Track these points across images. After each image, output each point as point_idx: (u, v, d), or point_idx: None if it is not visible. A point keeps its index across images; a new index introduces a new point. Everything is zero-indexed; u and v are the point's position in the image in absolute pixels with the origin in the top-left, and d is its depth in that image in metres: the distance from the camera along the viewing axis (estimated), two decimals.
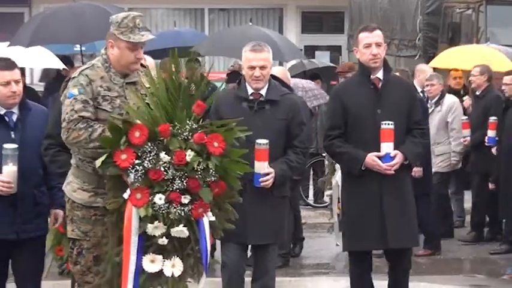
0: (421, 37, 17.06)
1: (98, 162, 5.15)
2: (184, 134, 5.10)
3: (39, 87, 16.81)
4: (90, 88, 5.54)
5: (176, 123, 5.16)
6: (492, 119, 10.39)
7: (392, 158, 6.59)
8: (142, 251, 5.12)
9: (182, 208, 5.03)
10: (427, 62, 15.17)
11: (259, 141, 6.33)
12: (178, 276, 5.10)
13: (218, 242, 6.89)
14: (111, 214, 5.22)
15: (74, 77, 5.67)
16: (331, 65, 20.10)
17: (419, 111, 7.10)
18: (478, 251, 10.41)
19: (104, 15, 11.40)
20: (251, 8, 23.93)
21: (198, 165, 5.05)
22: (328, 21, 24.70)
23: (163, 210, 5.01)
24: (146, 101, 5.29)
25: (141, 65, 5.75)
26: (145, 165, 5.02)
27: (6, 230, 6.10)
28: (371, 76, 6.78)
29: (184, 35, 17.17)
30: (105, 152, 5.16)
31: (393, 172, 6.59)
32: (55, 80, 14.79)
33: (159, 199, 5.00)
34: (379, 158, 6.59)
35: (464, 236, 11.29)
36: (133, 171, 5.03)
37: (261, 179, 6.40)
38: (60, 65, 14.32)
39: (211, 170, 5.09)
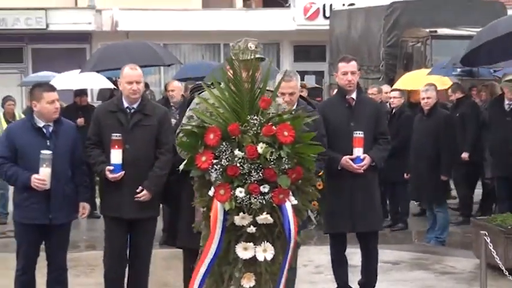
0: (383, 64, 17.15)
1: (181, 167, 4.59)
2: (253, 129, 4.43)
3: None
4: (200, 106, 4.94)
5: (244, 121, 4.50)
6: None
7: (362, 160, 6.48)
8: (223, 242, 4.48)
9: (262, 197, 4.38)
10: (388, 82, 15.31)
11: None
12: (271, 259, 4.48)
13: None
14: (204, 210, 4.62)
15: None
16: (317, 85, 20.31)
17: (385, 124, 6.99)
18: (425, 225, 10.23)
19: (146, 48, 11.66)
20: None
21: (270, 156, 4.39)
22: (314, 52, 24.81)
23: (245, 201, 4.38)
24: (216, 106, 4.60)
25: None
26: (223, 163, 4.40)
27: (41, 216, 5.98)
28: (346, 96, 6.66)
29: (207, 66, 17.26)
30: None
31: (362, 171, 6.50)
32: (109, 99, 14.86)
33: (240, 192, 4.38)
34: (352, 160, 6.49)
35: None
36: (213, 170, 4.42)
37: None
38: (111, 86, 14.47)
39: (284, 159, 4.41)
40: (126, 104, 6.17)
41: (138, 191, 6.08)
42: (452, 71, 12.43)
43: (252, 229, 4.40)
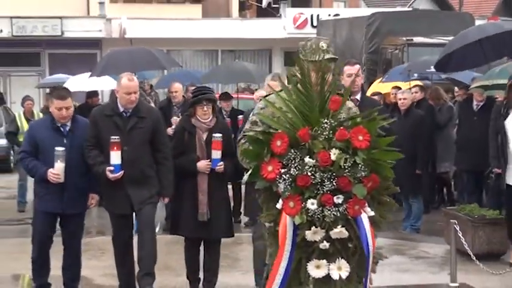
0: (365, 69, 17.03)
1: (245, 178, 3.83)
2: (325, 133, 3.67)
3: None
4: (265, 110, 4.15)
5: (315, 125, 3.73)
6: None
7: None
8: (293, 259, 3.72)
9: (337, 209, 3.62)
10: (370, 86, 15.28)
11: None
12: (347, 277, 3.71)
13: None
14: (269, 224, 3.85)
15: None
16: None
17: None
18: (401, 215, 9.99)
19: (149, 53, 11.57)
20: (250, 49, 23.94)
21: (344, 163, 3.61)
22: None
23: (317, 214, 3.61)
24: (283, 109, 3.83)
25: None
26: (292, 172, 3.63)
27: (56, 206, 5.97)
28: (351, 97, 6.07)
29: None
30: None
31: None
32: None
33: (312, 204, 3.61)
34: None
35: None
36: (281, 180, 3.65)
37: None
38: None
39: (360, 165, 3.63)
40: (121, 109, 6.01)
41: (164, 202, 6.26)
42: (408, 76, 12.35)
43: (325, 245, 3.65)
